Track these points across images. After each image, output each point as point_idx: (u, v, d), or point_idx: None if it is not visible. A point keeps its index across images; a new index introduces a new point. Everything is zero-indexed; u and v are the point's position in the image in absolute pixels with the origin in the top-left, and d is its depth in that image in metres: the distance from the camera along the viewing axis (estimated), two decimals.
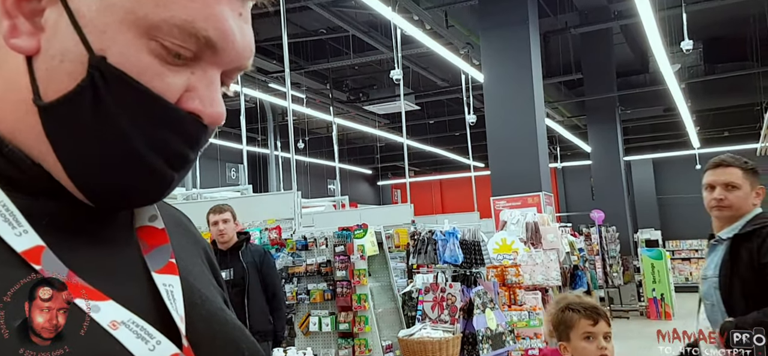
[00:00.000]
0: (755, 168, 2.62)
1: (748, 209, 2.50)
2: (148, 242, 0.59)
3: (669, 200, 19.21)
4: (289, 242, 5.40)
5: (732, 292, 2.42)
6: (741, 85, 13.96)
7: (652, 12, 7.52)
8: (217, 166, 15.15)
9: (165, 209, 0.68)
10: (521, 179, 8.46)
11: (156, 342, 0.51)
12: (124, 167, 0.54)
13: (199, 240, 0.72)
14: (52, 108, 0.52)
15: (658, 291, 12.02)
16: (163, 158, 0.55)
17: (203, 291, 0.62)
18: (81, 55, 0.51)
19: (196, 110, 0.56)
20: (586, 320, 2.22)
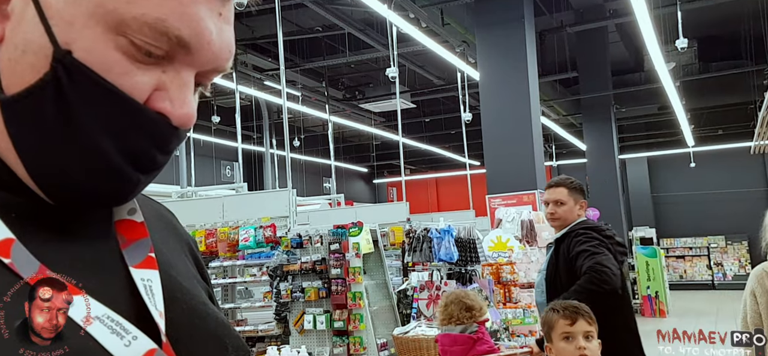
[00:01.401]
0: (579, 186, 3.18)
1: (573, 219, 3.09)
2: (126, 236, 0.58)
3: (663, 198, 19.27)
4: (284, 240, 5.39)
5: (555, 281, 2.97)
6: (735, 83, 14.00)
7: (647, 10, 7.53)
8: (212, 164, 15.12)
9: (147, 204, 0.67)
10: (517, 177, 8.47)
11: (132, 338, 0.50)
12: (87, 167, 0.51)
13: (183, 235, 0.71)
14: (12, 102, 0.50)
15: (652, 288, 12.05)
16: (129, 160, 0.53)
17: (185, 285, 0.61)
18: (45, 47, 0.50)
19: (164, 110, 0.53)
20: (563, 320, 2.23)
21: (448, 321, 3.25)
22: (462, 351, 3.13)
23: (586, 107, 14.46)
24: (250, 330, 5.69)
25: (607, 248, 2.85)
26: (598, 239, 2.89)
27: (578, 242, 2.87)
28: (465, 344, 3.15)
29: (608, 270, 2.71)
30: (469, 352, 3.11)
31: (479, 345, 3.14)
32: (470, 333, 3.18)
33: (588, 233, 2.91)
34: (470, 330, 3.20)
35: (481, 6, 9.06)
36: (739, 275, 17.70)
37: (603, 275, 2.70)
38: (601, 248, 2.80)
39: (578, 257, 2.80)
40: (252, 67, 12.05)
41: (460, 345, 3.16)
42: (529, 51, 8.82)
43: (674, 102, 12.15)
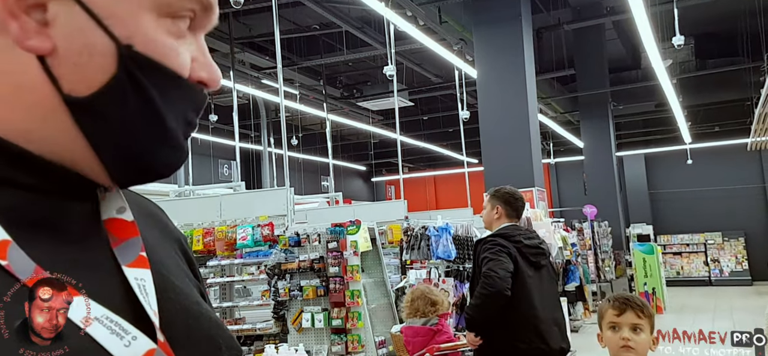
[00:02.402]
0: (503, 196, 3.48)
1: (491, 221, 3.43)
2: (117, 235, 0.58)
3: (661, 195, 19.31)
4: (281, 239, 5.40)
5: (473, 285, 3.32)
6: (732, 80, 14.03)
7: (644, 8, 7.55)
8: (210, 162, 15.11)
9: (138, 201, 0.67)
10: (514, 174, 8.48)
11: (131, 338, 0.51)
12: (161, 145, 0.56)
13: (174, 232, 0.71)
14: (88, 103, 0.52)
15: (649, 285, 12.09)
16: (182, 131, 0.58)
17: (178, 284, 0.61)
18: (108, 46, 0.52)
19: (202, 79, 0.59)
20: (612, 310, 2.23)
21: (413, 314, 3.60)
22: (423, 341, 3.46)
23: (583, 105, 14.48)
24: (249, 329, 5.70)
25: (509, 253, 3.19)
26: (500, 245, 3.21)
27: (483, 250, 3.26)
28: (426, 335, 3.48)
29: (494, 274, 3.09)
30: (430, 342, 3.44)
31: (439, 336, 3.47)
32: (431, 326, 3.54)
33: (494, 240, 3.26)
34: (431, 322, 3.55)
35: (479, 4, 9.07)
36: (736, 271, 17.74)
37: (489, 279, 3.09)
38: (498, 255, 3.15)
39: (482, 264, 3.20)
40: (249, 65, 12.04)
41: (421, 336, 3.49)
42: (527, 49, 8.84)
43: (671, 99, 12.18)
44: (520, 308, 3.14)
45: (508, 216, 3.41)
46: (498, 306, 3.08)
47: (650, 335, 2.20)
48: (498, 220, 3.41)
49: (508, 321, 3.13)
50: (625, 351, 2.17)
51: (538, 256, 3.35)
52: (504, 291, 3.06)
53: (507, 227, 3.37)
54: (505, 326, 3.13)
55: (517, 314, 3.13)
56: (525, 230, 3.46)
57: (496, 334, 3.17)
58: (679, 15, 8.60)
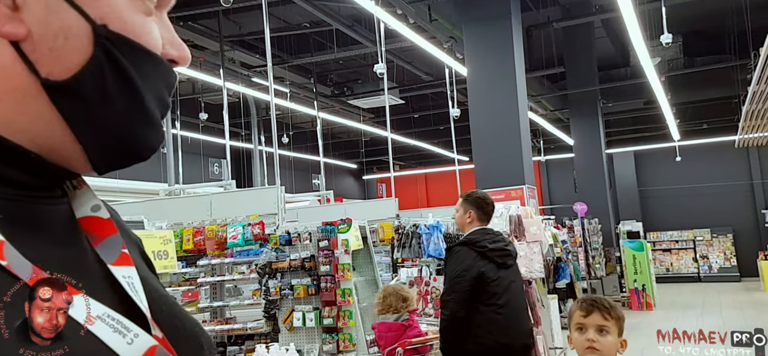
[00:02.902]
0: (474, 200, 3.67)
1: (464, 224, 3.63)
2: (95, 233, 0.58)
3: (650, 192, 19.44)
4: (272, 238, 5.38)
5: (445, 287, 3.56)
6: (719, 78, 14.14)
7: (632, 6, 7.59)
8: (200, 161, 15.05)
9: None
10: (505, 172, 8.51)
11: (134, 335, 0.51)
12: (139, 126, 0.56)
13: (133, 235, 0.70)
14: (67, 85, 0.52)
15: (639, 281, 12.17)
16: (159, 110, 0.58)
17: (156, 285, 0.61)
18: (84, 28, 0.52)
19: (173, 57, 0.59)
20: (579, 311, 2.25)
21: (386, 311, 3.81)
22: (395, 336, 3.69)
23: (573, 102, 14.54)
24: (239, 328, 5.68)
25: (470, 267, 3.43)
26: (465, 266, 3.43)
27: (449, 262, 3.52)
28: (398, 330, 3.72)
29: (447, 301, 3.42)
30: (401, 337, 3.66)
31: (410, 330, 3.72)
32: (403, 321, 3.78)
33: (459, 253, 3.50)
34: (402, 318, 3.80)
35: (469, 2, 9.08)
36: (725, 267, 17.90)
37: (443, 308, 3.43)
38: (458, 281, 3.42)
39: (445, 280, 3.51)
40: (239, 63, 12.00)
41: (393, 331, 3.71)
42: (517, 47, 8.86)
43: (660, 97, 12.26)
44: (486, 308, 3.39)
45: (480, 220, 3.63)
46: (457, 329, 3.40)
47: (618, 337, 2.19)
48: (470, 224, 3.62)
49: (475, 322, 3.38)
50: (589, 352, 2.18)
51: (505, 257, 3.58)
52: (458, 314, 3.37)
53: (475, 232, 3.59)
54: (471, 325, 3.39)
55: (482, 314, 3.38)
56: (491, 234, 3.63)
57: (469, 335, 3.40)
58: (667, 13, 8.65)
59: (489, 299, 3.41)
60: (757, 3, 10.57)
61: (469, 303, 3.37)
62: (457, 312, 3.36)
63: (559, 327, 7.87)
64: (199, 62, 11.41)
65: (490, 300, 3.41)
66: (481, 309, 3.40)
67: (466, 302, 3.37)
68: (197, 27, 10.25)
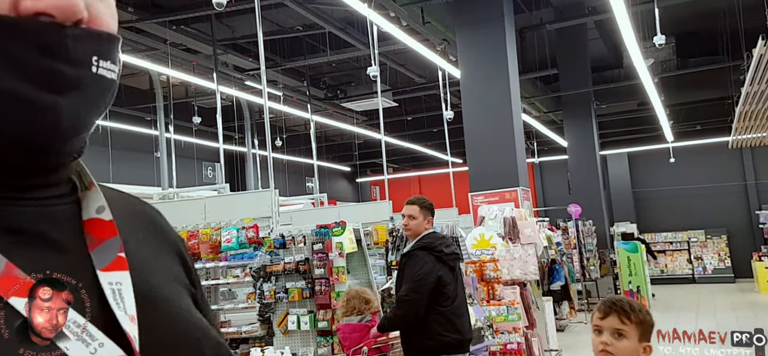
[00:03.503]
0: (430, 206, 3.94)
1: (422, 231, 3.86)
2: (95, 235, 0.56)
3: (644, 194, 19.48)
4: (266, 241, 5.36)
5: (398, 290, 3.79)
6: (712, 79, 14.19)
7: (625, 7, 7.61)
8: (193, 165, 15.00)
9: (128, 202, 0.65)
10: (499, 174, 8.51)
11: (98, 345, 0.48)
12: (2, 112, 0.48)
13: (170, 236, 0.68)
14: None
15: (634, 283, 12.18)
16: (34, 83, 0.49)
17: (162, 289, 0.59)
18: None
19: (42, 9, 0.48)
20: (597, 312, 2.18)
21: (350, 313, 4.02)
22: (360, 336, 3.91)
23: (566, 104, 14.57)
24: (234, 332, 5.65)
25: (430, 272, 3.67)
26: (427, 269, 3.67)
27: (411, 265, 3.73)
28: (362, 331, 3.92)
29: (414, 299, 3.64)
30: (365, 337, 3.90)
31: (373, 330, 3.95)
32: (366, 322, 3.98)
33: (420, 257, 3.72)
34: (366, 319, 3.99)
35: (462, 4, 9.08)
36: (719, 269, 17.95)
37: (409, 302, 3.64)
38: (424, 279, 3.65)
39: (405, 280, 3.72)
40: (232, 67, 11.97)
41: (358, 332, 3.93)
42: (510, 48, 8.86)
43: (653, 98, 12.29)
44: (442, 308, 3.70)
45: (431, 224, 3.95)
46: (410, 324, 3.69)
47: (639, 341, 2.08)
48: (426, 228, 3.89)
49: (434, 321, 3.67)
50: (603, 355, 2.10)
51: (455, 260, 3.89)
52: (419, 312, 3.64)
53: (429, 236, 3.86)
54: (430, 323, 3.66)
55: (440, 314, 3.69)
56: (443, 238, 3.94)
57: (426, 332, 3.68)
58: (660, 14, 8.68)
59: (445, 301, 3.72)
60: (750, 4, 10.61)
61: (427, 304, 3.66)
62: (419, 311, 3.63)
63: (554, 329, 7.86)
64: (193, 66, 11.37)
65: (445, 302, 3.72)
66: (438, 309, 3.69)
67: (425, 303, 3.65)
68: (190, 31, 10.21)
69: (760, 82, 8.83)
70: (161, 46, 10.32)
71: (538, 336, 6.68)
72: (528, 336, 6.32)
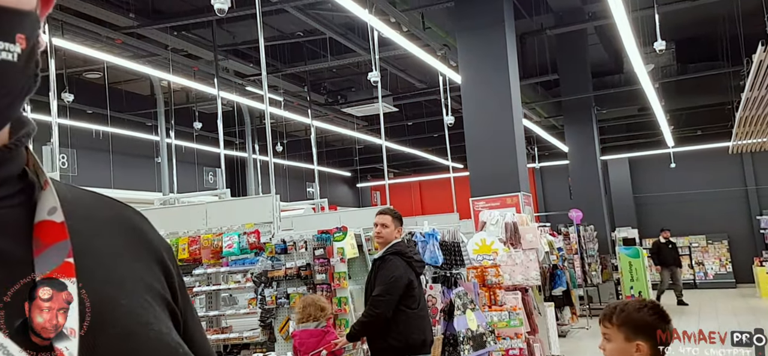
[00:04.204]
0: (399, 216, 4.20)
1: (392, 239, 4.12)
2: (43, 240, 0.51)
3: (645, 199, 19.47)
4: (268, 246, 5.35)
5: (368, 294, 4.05)
6: (712, 84, 14.20)
7: (626, 13, 7.62)
8: (194, 170, 15.00)
9: (105, 205, 0.60)
10: (500, 179, 8.50)
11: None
12: None
13: (153, 243, 0.63)
14: None
15: (635, 288, 12.16)
16: None
17: (124, 302, 0.53)
18: None
19: None
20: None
21: (306, 319, 4.21)
22: (316, 342, 4.14)
23: (567, 109, 14.57)
24: (235, 337, 5.63)
25: (401, 276, 3.93)
26: (400, 274, 3.94)
27: (385, 268, 3.98)
28: (318, 336, 4.16)
29: (385, 299, 3.91)
30: (321, 342, 4.12)
31: (328, 335, 4.17)
32: (321, 328, 4.20)
33: (393, 261, 3.98)
34: (321, 325, 4.21)
35: (462, 10, 9.10)
36: (720, 274, 17.91)
37: (380, 304, 3.91)
38: (395, 284, 3.92)
39: (381, 282, 3.97)
40: (234, 72, 11.98)
41: (315, 337, 4.15)
42: (510, 54, 8.87)
43: (654, 103, 12.30)
44: (409, 310, 3.98)
45: (400, 233, 4.23)
46: (380, 325, 3.94)
47: (627, 341, 2.14)
48: (396, 237, 4.15)
49: (402, 321, 3.95)
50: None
51: (421, 267, 4.22)
52: (387, 314, 3.90)
53: (400, 244, 4.13)
54: (397, 324, 3.94)
55: (408, 316, 3.96)
56: (411, 246, 4.27)
57: (393, 332, 3.93)
58: (660, 20, 8.69)
59: (412, 303, 4.01)
60: (750, 10, 10.63)
61: (396, 306, 3.93)
62: (387, 313, 3.90)
63: (556, 334, 7.84)
64: (194, 71, 11.39)
65: (413, 304, 4.01)
66: (405, 311, 3.97)
67: (395, 305, 3.93)
68: (191, 37, 10.23)
69: (760, 88, 8.83)
70: (162, 51, 10.34)
71: (539, 342, 6.67)
72: (530, 342, 6.31)
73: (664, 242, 14.31)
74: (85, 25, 8.94)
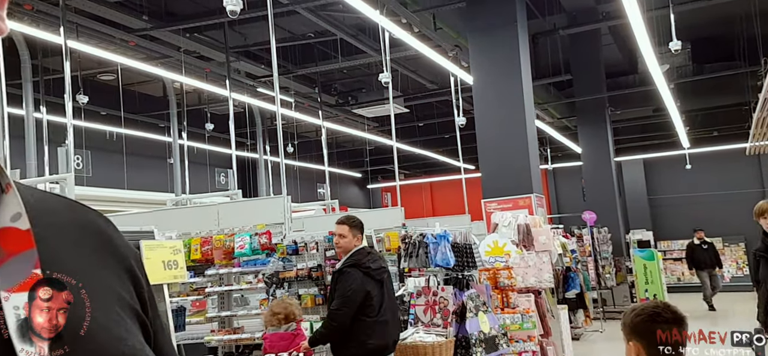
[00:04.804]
0: (358, 224, 4.29)
1: (352, 247, 4.22)
2: (6, 248, 0.47)
3: (660, 201, 19.27)
4: (279, 247, 5.34)
5: (331, 305, 4.19)
6: (729, 84, 14.03)
7: (640, 13, 7.53)
8: (206, 171, 15.05)
9: (71, 210, 0.57)
10: (512, 180, 8.44)
11: None
12: None
13: (122, 251, 0.59)
14: None
15: (650, 291, 12.03)
16: None
17: (96, 316, 0.50)
18: None
19: None
20: None
21: (277, 323, 4.33)
22: (287, 344, 4.27)
23: (580, 110, 14.46)
24: (247, 338, 5.63)
25: (357, 287, 4.07)
26: (355, 284, 4.07)
27: (342, 281, 4.13)
28: (288, 339, 4.29)
29: (341, 312, 4.07)
30: (291, 345, 4.26)
31: (298, 338, 4.29)
32: (291, 331, 4.33)
33: (350, 274, 4.12)
34: (291, 328, 4.33)
35: (474, 10, 9.04)
36: (737, 277, 17.68)
37: (337, 316, 4.08)
38: (351, 298, 4.06)
39: (338, 295, 4.13)
40: (245, 74, 12.00)
41: (285, 340, 4.28)
42: (523, 54, 8.80)
43: (669, 104, 12.16)
44: (368, 318, 4.11)
45: (361, 240, 4.30)
46: (339, 335, 4.11)
47: (626, 343, 2.28)
48: (355, 245, 4.25)
49: (361, 330, 4.09)
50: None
51: (382, 274, 4.27)
52: (344, 325, 4.06)
53: (359, 253, 4.22)
54: (356, 332, 4.08)
55: (367, 324, 4.10)
56: (371, 254, 4.31)
57: (353, 340, 4.09)
58: (675, 20, 8.59)
59: (371, 311, 4.13)
60: (767, 9, 10.48)
61: (354, 316, 4.07)
62: (345, 324, 4.05)
63: (569, 337, 7.76)
64: (206, 73, 11.42)
65: (371, 312, 4.13)
66: (365, 320, 4.10)
67: (353, 315, 4.07)
68: (203, 38, 10.27)
69: None
70: (175, 53, 10.38)
71: (553, 345, 6.60)
72: (543, 345, 6.24)
73: (698, 243, 13.56)
74: (100, 28, 9.01)
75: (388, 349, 4.26)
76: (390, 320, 4.28)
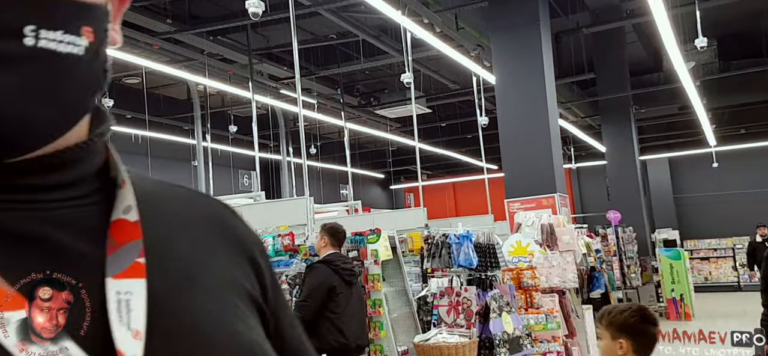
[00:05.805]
0: (324, 227, 4.56)
1: (321, 251, 4.49)
2: (117, 238, 0.50)
3: (686, 199, 18.98)
4: (302, 249, 5.36)
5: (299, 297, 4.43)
6: (756, 81, 13.77)
7: (665, 10, 7.43)
8: (229, 173, 15.20)
9: (193, 203, 0.60)
10: (535, 180, 8.38)
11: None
12: None
13: (242, 239, 0.61)
14: None
15: (677, 291, 11.86)
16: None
17: (198, 302, 0.53)
18: None
19: None
20: None
21: None
22: None
23: (604, 109, 14.30)
24: None
25: (322, 283, 4.26)
26: (320, 272, 4.28)
27: (310, 275, 4.36)
28: None
29: (304, 305, 4.25)
30: None
31: None
32: None
33: (318, 269, 4.34)
34: None
35: (496, 9, 9.00)
36: None
37: (298, 311, 4.17)
38: (311, 294, 4.26)
39: (304, 288, 4.39)
40: (268, 76, 12.10)
41: None
42: (545, 53, 8.74)
43: (695, 102, 11.97)
44: (332, 315, 4.28)
45: (332, 245, 4.47)
46: (304, 326, 4.11)
47: (613, 339, 2.38)
48: (325, 247, 4.46)
49: (321, 325, 4.27)
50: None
51: (351, 276, 4.45)
52: (308, 317, 4.19)
53: (330, 254, 4.43)
54: (319, 327, 4.25)
55: (331, 321, 4.27)
56: (342, 257, 4.53)
57: (311, 334, 4.13)
58: (701, 16, 8.45)
59: (335, 308, 4.28)
60: None
61: (318, 311, 4.24)
62: (307, 317, 4.18)
63: (594, 338, 7.68)
64: (229, 75, 11.54)
65: (335, 309, 4.28)
66: (328, 316, 4.26)
67: (316, 310, 4.24)
68: (226, 41, 10.37)
69: None
70: (198, 56, 10.50)
71: (578, 345, 6.55)
72: (568, 345, 6.19)
73: (761, 241, 12.83)
74: (124, 31, 9.08)
75: (349, 352, 4.37)
76: (354, 322, 4.42)
